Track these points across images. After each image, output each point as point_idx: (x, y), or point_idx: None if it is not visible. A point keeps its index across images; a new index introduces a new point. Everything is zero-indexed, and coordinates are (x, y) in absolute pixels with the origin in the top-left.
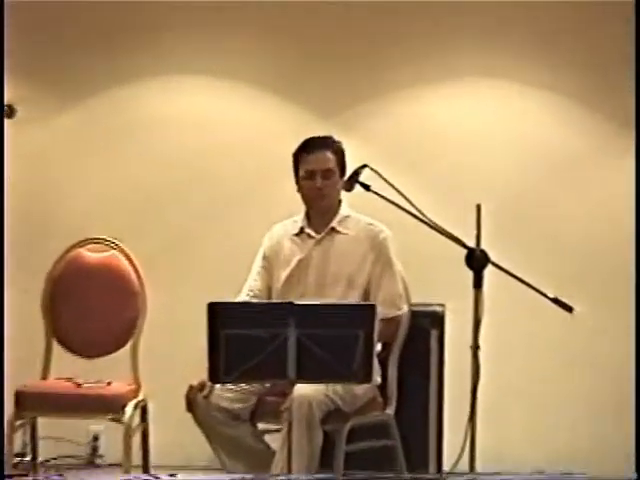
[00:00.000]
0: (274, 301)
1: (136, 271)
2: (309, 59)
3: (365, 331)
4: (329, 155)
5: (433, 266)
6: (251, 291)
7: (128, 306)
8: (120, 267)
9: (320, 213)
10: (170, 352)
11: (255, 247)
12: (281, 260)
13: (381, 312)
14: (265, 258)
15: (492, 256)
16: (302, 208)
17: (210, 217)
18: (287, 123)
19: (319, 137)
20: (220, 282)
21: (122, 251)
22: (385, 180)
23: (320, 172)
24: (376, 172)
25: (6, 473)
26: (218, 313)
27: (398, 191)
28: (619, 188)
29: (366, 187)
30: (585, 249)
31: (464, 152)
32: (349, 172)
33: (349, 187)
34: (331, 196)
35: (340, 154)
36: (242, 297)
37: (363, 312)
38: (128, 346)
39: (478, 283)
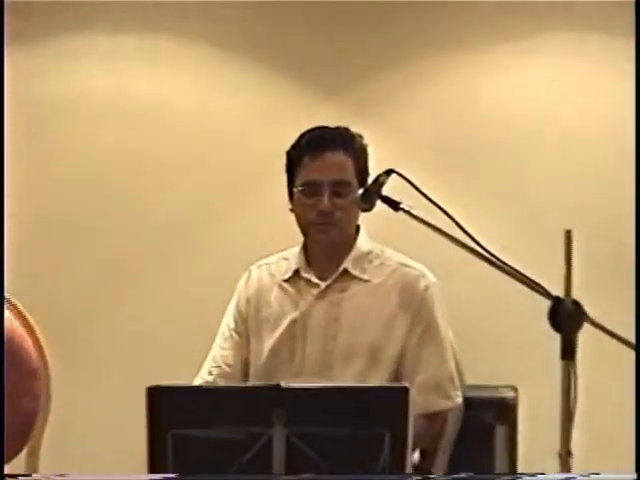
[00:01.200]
0: (252, 383)
1: (36, 340)
2: (310, 17)
3: (393, 430)
4: (344, 159)
5: (498, 328)
6: (216, 367)
7: (23, 393)
8: (11, 334)
9: (326, 247)
10: (88, 461)
11: (225, 299)
12: (264, 320)
13: (421, 403)
14: (239, 317)
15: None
16: (299, 237)
17: (154, 251)
18: (277, 103)
19: (329, 129)
20: (166, 354)
21: (15, 310)
22: (422, 194)
23: (329, 185)
24: (409, 182)
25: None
26: (163, 403)
27: (443, 211)
28: None
29: (394, 205)
30: None
31: (538, 146)
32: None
33: (367, 204)
34: (345, 224)
35: (362, 157)
36: (202, 376)
37: (390, 399)
38: (23, 454)
39: (569, 352)
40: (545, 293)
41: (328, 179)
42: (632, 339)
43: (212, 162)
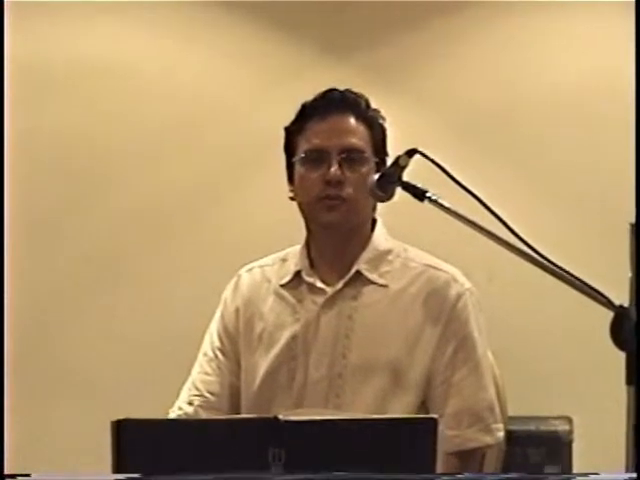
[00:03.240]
0: (243, 416)
1: None
2: None
3: (417, 472)
4: (356, 124)
5: (548, 346)
6: (197, 396)
7: None
8: None
9: (334, 241)
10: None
11: (207, 310)
12: (257, 336)
13: (453, 438)
14: (226, 333)
15: None
16: (302, 234)
17: (138, 243)
18: (277, 68)
19: (337, 90)
20: (136, 382)
21: None
22: (454, 179)
23: (337, 152)
24: (437, 165)
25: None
26: (131, 441)
27: (480, 201)
28: None
29: (419, 194)
30: None
31: (596, 121)
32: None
33: (385, 193)
34: (357, 204)
35: (378, 129)
36: (180, 407)
37: (413, 434)
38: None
39: (636, 375)
40: (606, 302)
41: (336, 145)
42: None
43: (203, 137)
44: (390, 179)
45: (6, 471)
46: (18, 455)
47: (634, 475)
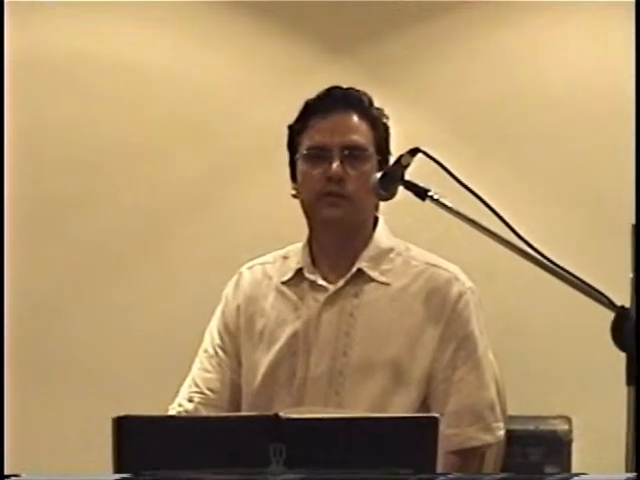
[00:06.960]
0: (244, 413)
1: None
2: None
3: (417, 471)
4: (358, 122)
5: (548, 345)
6: (197, 393)
7: None
8: None
9: (336, 239)
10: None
11: (208, 307)
12: (257, 334)
13: (453, 436)
14: (226, 330)
15: None
16: (303, 233)
17: (139, 239)
18: (276, 66)
19: (340, 88)
20: (133, 376)
21: None
22: (456, 179)
23: (339, 149)
24: (439, 164)
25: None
26: (132, 438)
27: (482, 200)
28: None
29: (421, 193)
30: None
31: (600, 120)
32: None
33: (387, 192)
34: (358, 201)
35: (381, 128)
36: (180, 404)
37: (414, 432)
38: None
39: (636, 375)
40: (607, 302)
41: (338, 142)
42: None
43: (204, 134)
44: (392, 178)
45: (6, 471)
46: (18, 453)
47: (633, 475)
